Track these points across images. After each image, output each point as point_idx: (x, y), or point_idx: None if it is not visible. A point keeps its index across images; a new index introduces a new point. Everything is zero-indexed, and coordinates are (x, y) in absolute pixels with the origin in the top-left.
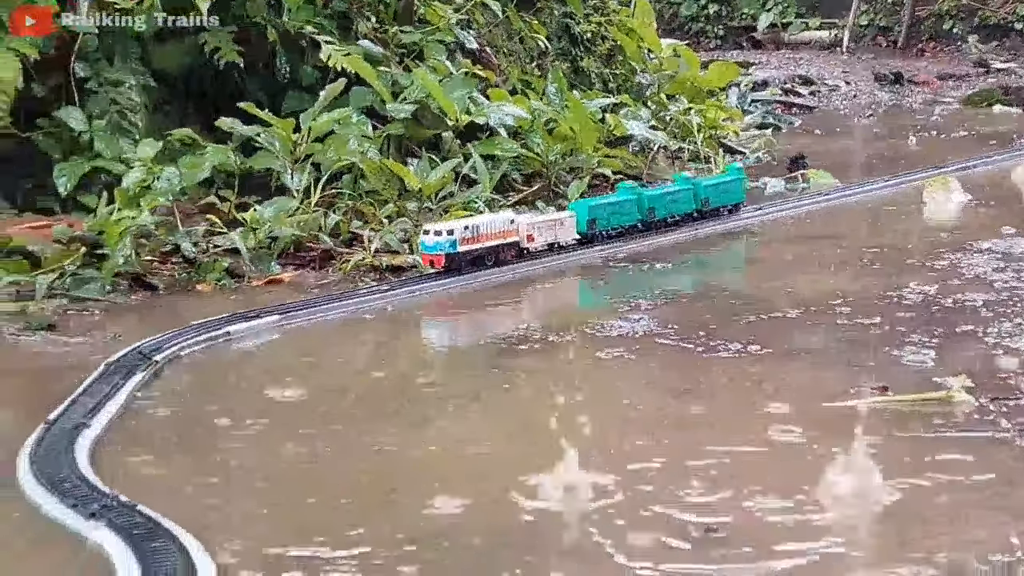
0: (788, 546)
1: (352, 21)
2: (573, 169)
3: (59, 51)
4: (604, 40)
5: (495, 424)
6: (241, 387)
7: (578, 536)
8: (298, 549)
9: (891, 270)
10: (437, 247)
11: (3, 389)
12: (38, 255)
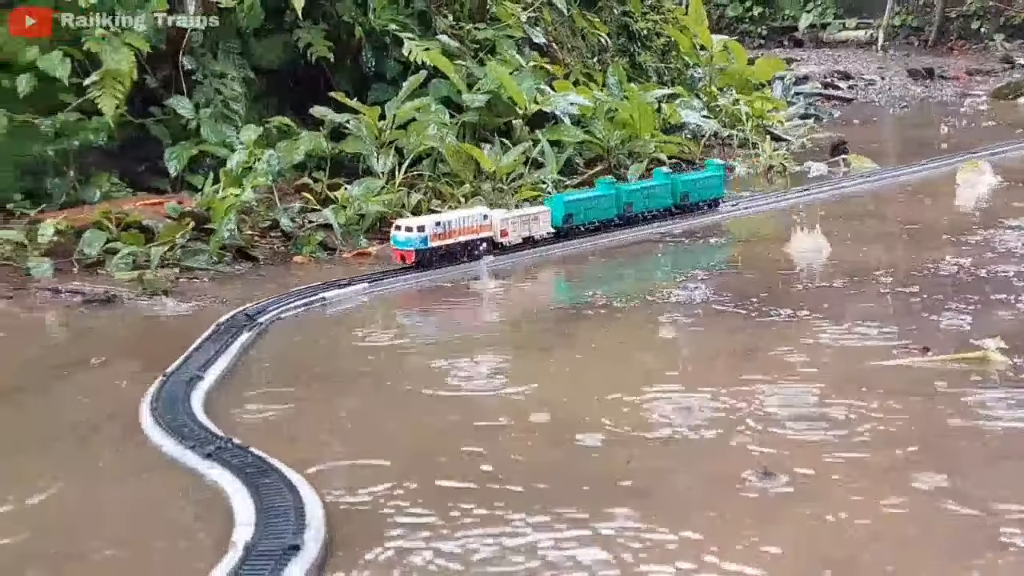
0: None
1: (431, 19)
2: (632, 153)
3: (169, 46)
4: (659, 36)
5: (568, 369)
6: (336, 344)
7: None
8: (395, 484)
9: (928, 245)
10: (408, 243)
11: (124, 346)
12: (152, 229)
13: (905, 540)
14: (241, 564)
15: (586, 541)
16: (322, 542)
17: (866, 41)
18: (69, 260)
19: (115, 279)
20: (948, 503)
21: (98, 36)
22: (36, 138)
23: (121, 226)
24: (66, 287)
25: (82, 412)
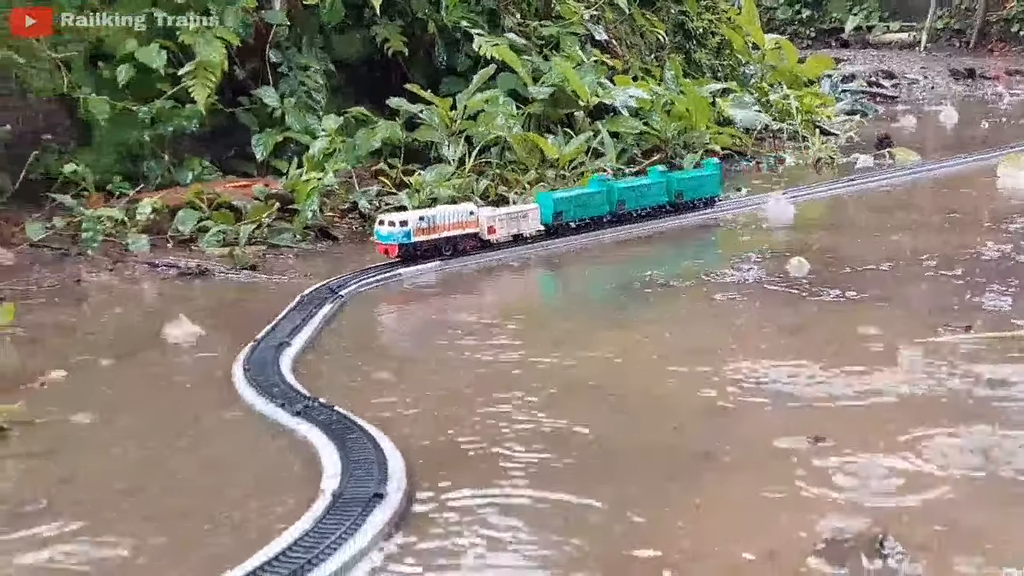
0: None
1: (499, 16)
2: (687, 144)
3: (257, 40)
4: (714, 35)
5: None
6: (411, 315)
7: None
8: (474, 438)
9: (970, 232)
10: (391, 237)
11: (217, 315)
12: (241, 209)
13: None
14: (329, 509)
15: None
16: (403, 492)
17: (909, 43)
18: (164, 237)
19: (206, 254)
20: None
21: (192, 30)
22: (134, 124)
23: (212, 206)
24: (162, 261)
25: (181, 373)
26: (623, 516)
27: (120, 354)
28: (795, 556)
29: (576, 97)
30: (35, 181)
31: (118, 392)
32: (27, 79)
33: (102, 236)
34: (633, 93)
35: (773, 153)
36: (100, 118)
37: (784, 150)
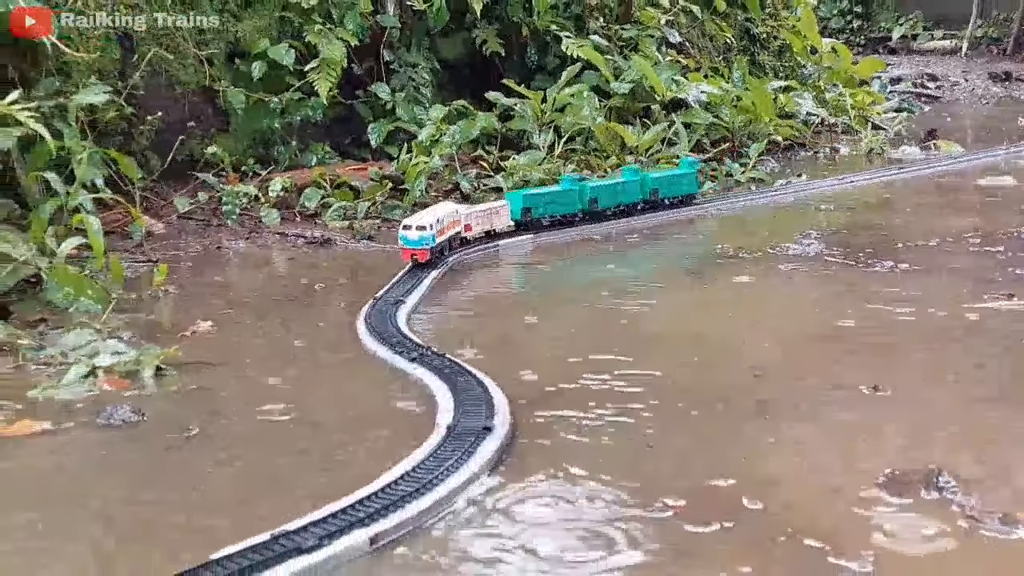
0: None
1: (585, 21)
2: (752, 135)
3: (372, 41)
4: (776, 39)
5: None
6: (508, 277)
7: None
8: (569, 381)
9: (1010, 213)
10: (422, 242)
11: (340, 277)
12: (358, 188)
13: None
14: (445, 440)
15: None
16: (509, 426)
17: (951, 49)
18: (292, 211)
19: (329, 227)
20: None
21: (317, 31)
22: (266, 114)
23: (333, 185)
24: (291, 232)
25: (313, 325)
26: (703, 451)
27: (257, 309)
28: (859, 487)
29: (653, 92)
30: (181, 162)
31: (257, 340)
32: (175, 74)
33: (239, 210)
34: (704, 89)
35: (829, 144)
36: (237, 108)
37: (839, 142)
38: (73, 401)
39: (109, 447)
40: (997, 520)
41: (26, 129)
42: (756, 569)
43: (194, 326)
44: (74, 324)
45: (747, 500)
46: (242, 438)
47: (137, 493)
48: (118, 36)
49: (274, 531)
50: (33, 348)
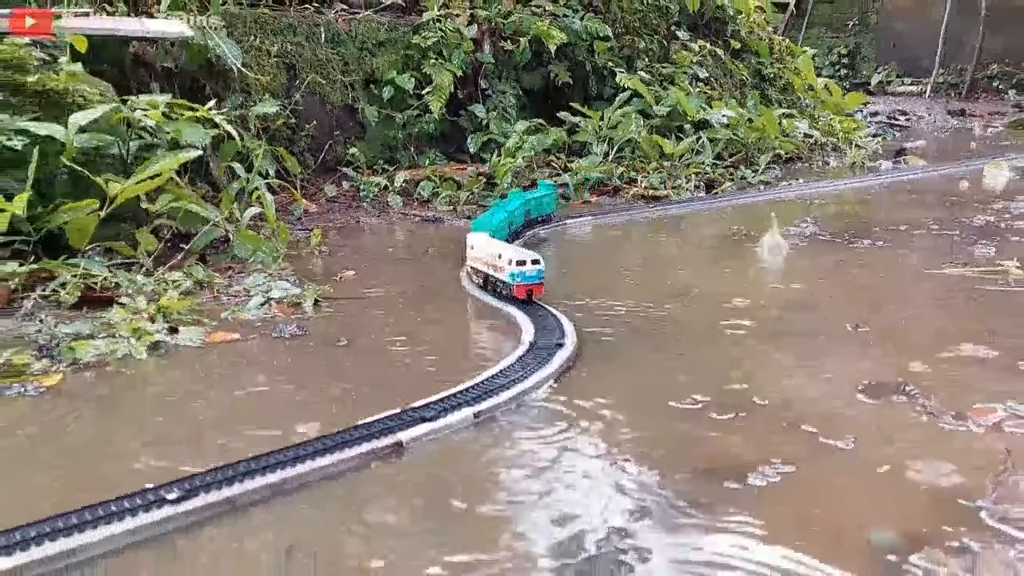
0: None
1: (633, 60)
2: (760, 149)
3: (472, 72)
4: (781, 79)
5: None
6: (577, 247)
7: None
8: (622, 319)
9: (964, 209)
10: (539, 275)
11: (447, 245)
12: (460, 183)
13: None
14: (529, 350)
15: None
16: (575, 345)
17: (917, 92)
18: (411, 198)
19: (438, 210)
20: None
21: (431, 64)
22: (392, 127)
23: (441, 180)
24: (410, 212)
25: (427, 280)
26: (723, 365)
27: (386, 263)
28: (843, 392)
29: (685, 114)
30: (328, 161)
31: (389, 285)
32: (326, 94)
33: (372, 195)
34: (725, 113)
35: (822, 158)
36: (372, 121)
37: (829, 157)
38: (254, 321)
39: (283, 350)
40: (951, 416)
41: (219, 131)
42: (765, 443)
43: (341, 273)
44: (253, 271)
45: (756, 399)
46: (377, 347)
47: (305, 378)
48: (285, 65)
49: (404, 406)
50: (224, 285)
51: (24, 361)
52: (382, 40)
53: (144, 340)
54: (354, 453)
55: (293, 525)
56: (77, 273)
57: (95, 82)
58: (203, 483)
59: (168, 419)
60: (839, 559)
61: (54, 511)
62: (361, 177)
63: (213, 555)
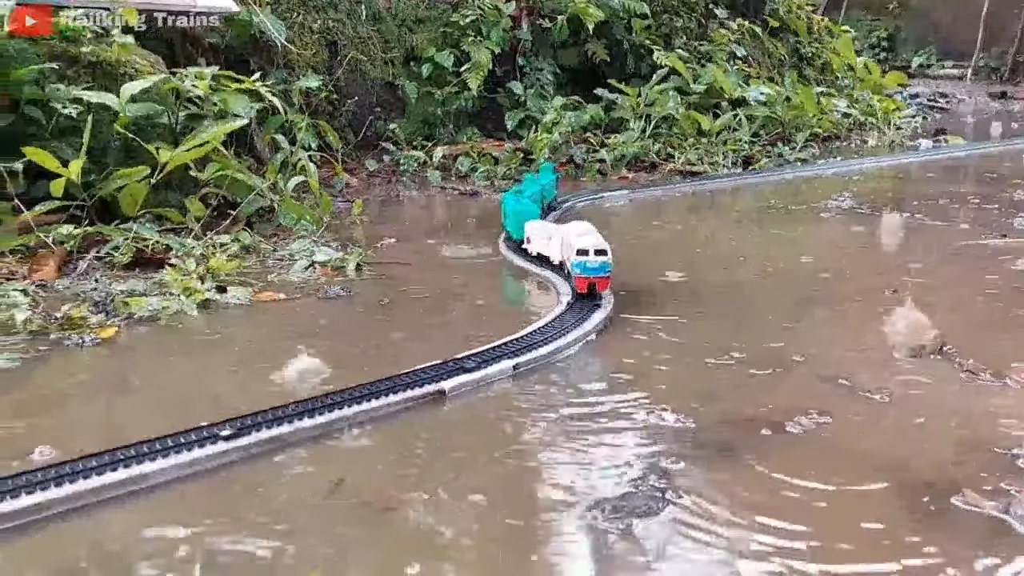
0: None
1: (671, 38)
2: (798, 127)
3: (510, 50)
4: (819, 57)
5: (766, 237)
6: (615, 216)
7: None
8: (653, 284)
9: (1003, 185)
10: (603, 268)
11: (485, 216)
12: (498, 158)
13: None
14: (567, 309)
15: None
16: (612, 305)
17: (958, 76)
18: (449, 173)
19: (476, 184)
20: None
21: (470, 42)
22: (432, 103)
23: (479, 155)
24: (448, 186)
25: (465, 243)
26: (760, 326)
27: (425, 232)
28: (880, 351)
29: (722, 92)
30: (369, 136)
31: (426, 251)
32: (367, 71)
33: (412, 170)
34: (763, 90)
35: (860, 138)
36: (411, 98)
37: (867, 136)
38: (299, 283)
39: (328, 308)
40: (989, 374)
41: (263, 104)
42: (802, 396)
43: (382, 241)
44: (297, 237)
45: (794, 356)
46: (418, 306)
47: (350, 332)
48: (327, 41)
49: (447, 358)
50: (270, 250)
51: (81, 315)
52: (421, 17)
53: (194, 298)
54: (399, 398)
55: (340, 461)
56: (129, 237)
57: (146, 54)
58: (254, 422)
59: (219, 367)
60: (876, 499)
61: (118, 444)
62: (401, 152)
63: (264, 487)
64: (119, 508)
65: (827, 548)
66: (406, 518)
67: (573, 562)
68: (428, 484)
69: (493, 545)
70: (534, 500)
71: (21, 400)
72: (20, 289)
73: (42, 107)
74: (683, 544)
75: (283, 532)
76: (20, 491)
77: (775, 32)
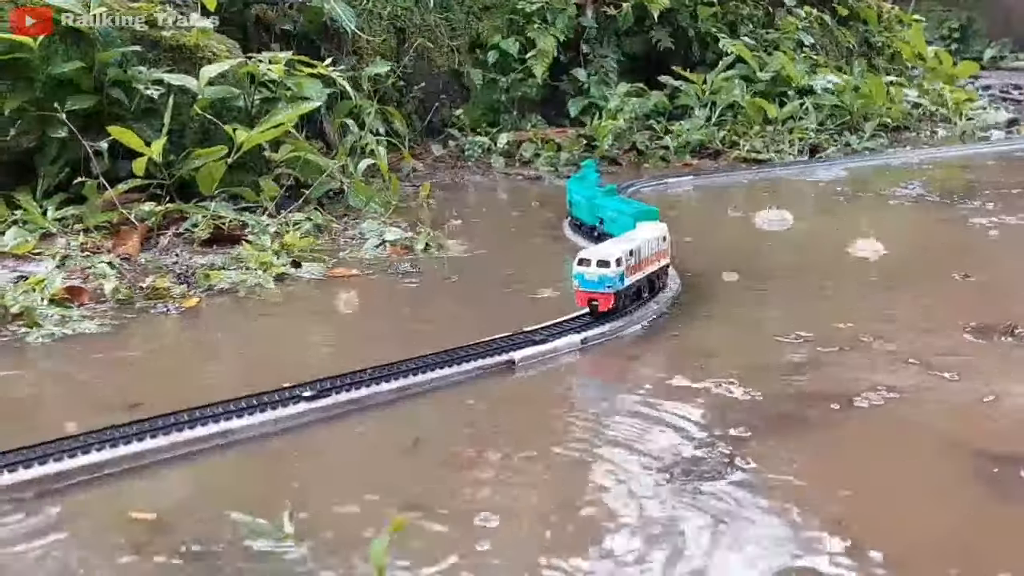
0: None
1: (737, 26)
2: (866, 116)
3: (575, 37)
4: (889, 47)
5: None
6: (678, 201)
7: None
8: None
9: None
10: (604, 283)
11: (549, 199)
12: (560, 144)
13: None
14: None
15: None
16: (679, 286)
17: None
18: (513, 159)
19: (539, 170)
20: None
21: (535, 29)
22: (496, 90)
23: (543, 141)
24: (512, 172)
25: (532, 224)
26: (827, 307)
27: (490, 214)
28: (950, 332)
29: (789, 80)
30: (435, 122)
31: (491, 231)
32: (433, 58)
33: (477, 156)
34: (831, 79)
35: (930, 128)
36: (476, 85)
37: (938, 126)
38: (370, 260)
39: (399, 284)
40: None
41: (333, 89)
42: (870, 373)
43: (449, 222)
44: (367, 218)
45: (862, 336)
46: (487, 283)
47: (421, 305)
48: (395, 28)
49: (516, 330)
50: (340, 229)
51: (165, 285)
52: (487, 5)
53: (271, 272)
54: (471, 366)
55: (416, 423)
56: (207, 214)
57: (223, 39)
58: (335, 385)
59: (298, 334)
60: (945, 471)
61: (205, 402)
62: (465, 138)
63: (344, 444)
64: (204, 461)
65: (893, 517)
66: (481, 476)
67: (643, 521)
68: (500, 445)
69: (563, 504)
70: (603, 463)
71: (116, 361)
72: (106, 262)
73: (125, 89)
74: (749, 508)
75: (365, 484)
76: (131, 438)
77: (844, 20)
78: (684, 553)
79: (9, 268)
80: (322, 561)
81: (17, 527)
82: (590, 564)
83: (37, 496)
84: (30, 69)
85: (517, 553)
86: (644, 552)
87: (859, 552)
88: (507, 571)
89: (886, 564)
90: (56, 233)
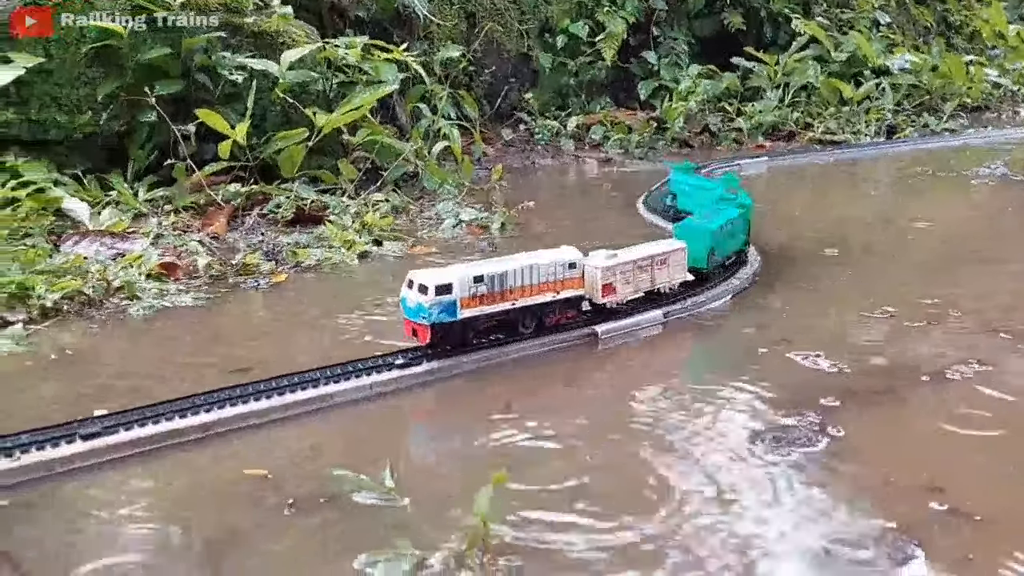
0: None
1: (810, 6)
2: (945, 97)
3: (645, 19)
4: (968, 25)
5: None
6: (754, 181)
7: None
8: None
9: None
10: (420, 312)
11: (621, 182)
12: (631, 127)
13: None
14: None
15: None
16: (759, 263)
17: None
18: (582, 142)
19: (609, 152)
20: None
21: (605, 12)
22: (565, 73)
23: (613, 124)
24: (581, 155)
25: (605, 204)
26: (914, 284)
27: (562, 196)
28: None
29: (865, 60)
30: (504, 106)
31: (564, 213)
32: (503, 42)
33: (547, 139)
34: (908, 58)
35: (1011, 108)
36: (545, 68)
37: (1020, 107)
38: (447, 239)
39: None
40: None
41: (406, 74)
42: (961, 347)
43: (523, 203)
44: (442, 200)
45: (950, 310)
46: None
47: None
48: (466, 13)
49: None
50: (417, 210)
51: (255, 262)
52: None
53: (354, 250)
54: (557, 338)
55: (509, 386)
56: (290, 195)
57: (301, 24)
58: (424, 354)
59: (384, 308)
60: None
61: (301, 368)
62: (535, 121)
63: (438, 406)
64: (308, 422)
65: (987, 483)
66: (568, 443)
67: (738, 485)
68: (588, 412)
69: (655, 467)
70: (693, 431)
71: (213, 332)
72: (196, 240)
73: (210, 74)
74: (840, 473)
75: (457, 444)
76: (240, 399)
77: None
78: (780, 507)
79: (107, 246)
80: (424, 513)
81: (139, 481)
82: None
83: (154, 452)
84: (120, 56)
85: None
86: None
87: (956, 513)
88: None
89: (983, 524)
90: (147, 213)
